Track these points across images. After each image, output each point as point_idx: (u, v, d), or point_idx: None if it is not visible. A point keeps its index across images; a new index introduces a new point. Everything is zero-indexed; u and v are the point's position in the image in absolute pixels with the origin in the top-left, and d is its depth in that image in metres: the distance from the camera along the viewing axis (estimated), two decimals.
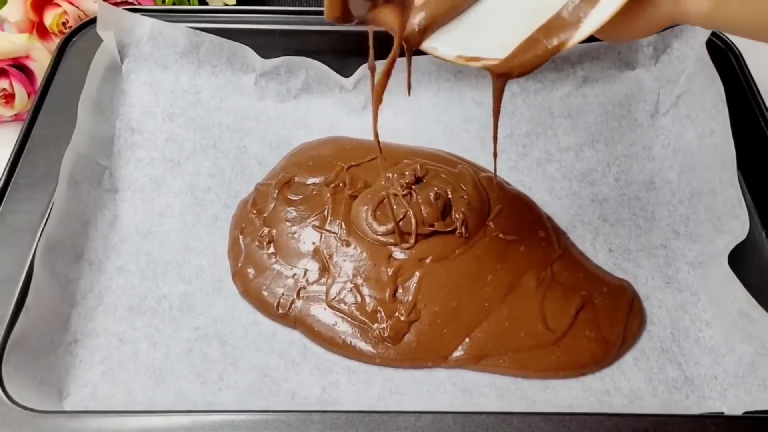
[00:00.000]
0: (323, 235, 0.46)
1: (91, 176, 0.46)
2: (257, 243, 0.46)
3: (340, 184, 0.48)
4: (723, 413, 0.39)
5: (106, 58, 0.50)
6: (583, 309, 0.43)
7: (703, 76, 0.48)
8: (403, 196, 0.46)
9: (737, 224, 0.42)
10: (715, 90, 0.46)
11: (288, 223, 0.47)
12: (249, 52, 0.52)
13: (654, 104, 0.52)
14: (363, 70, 0.52)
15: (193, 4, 0.61)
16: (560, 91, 0.53)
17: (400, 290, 0.44)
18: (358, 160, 0.50)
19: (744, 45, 0.51)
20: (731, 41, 0.51)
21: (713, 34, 0.52)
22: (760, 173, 0.45)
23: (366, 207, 0.46)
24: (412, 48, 0.35)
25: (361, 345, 0.42)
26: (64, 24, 0.55)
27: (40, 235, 0.41)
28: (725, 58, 0.51)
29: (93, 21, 0.51)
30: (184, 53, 0.52)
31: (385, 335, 0.42)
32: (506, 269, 0.44)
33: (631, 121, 0.52)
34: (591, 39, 0.49)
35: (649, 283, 0.45)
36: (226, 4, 0.61)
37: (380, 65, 0.51)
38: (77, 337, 0.41)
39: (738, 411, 0.38)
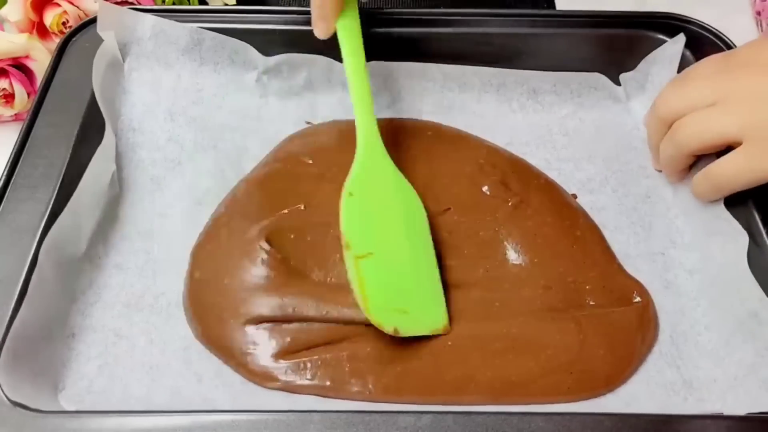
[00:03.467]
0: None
1: (106, 175, 0.46)
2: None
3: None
4: (722, 414, 0.39)
5: (107, 58, 0.50)
6: (596, 328, 0.42)
7: None
8: None
9: (733, 227, 0.42)
10: None
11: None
12: (251, 49, 0.52)
13: (646, 131, 0.52)
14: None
15: (193, 4, 0.61)
16: (558, 113, 0.53)
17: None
18: None
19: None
20: (731, 42, 0.51)
21: (714, 35, 0.52)
22: None
23: None
24: None
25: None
26: (64, 24, 0.55)
27: (41, 233, 0.41)
28: None
29: (93, 21, 0.51)
30: (186, 51, 0.52)
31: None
32: (519, 289, 0.44)
33: (626, 144, 0.52)
34: (589, 69, 0.53)
35: (648, 287, 0.44)
36: (226, 4, 0.61)
37: (383, 66, 0.52)
38: (74, 331, 0.41)
39: (738, 412, 0.38)
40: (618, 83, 0.54)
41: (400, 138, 0.51)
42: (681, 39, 0.51)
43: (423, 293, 0.43)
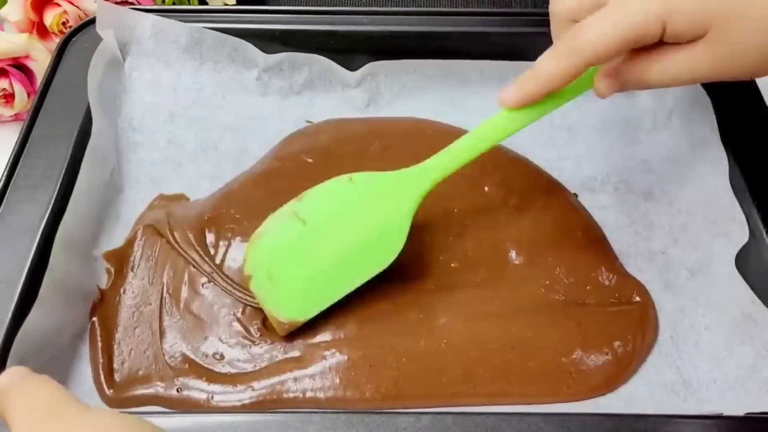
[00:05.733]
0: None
1: (102, 173, 0.46)
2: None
3: None
4: (722, 414, 0.39)
5: (106, 57, 0.50)
6: (596, 328, 0.42)
7: (688, 89, 0.49)
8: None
9: (734, 226, 0.42)
10: (702, 101, 0.47)
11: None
12: (251, 48, 0.52)
13: (652, 121, 0.52)
14: (367, 68, 0.52)
15: (193, 4, 0.61)
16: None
17: None
18: (360, 143, 0.49)
19: None
20: None
21: None
22: (762, 174, 0.45)
23: None
24: None
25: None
26: (64, 24, 0.55)
27: (41, 233, 0.41)
28: None
29: (93, 21, 0.51)
30: (186, 50, 0.52)
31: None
32: (513, 287, 0.44)
33: (629, 137, 0.52)
34: None
35: (648, 287, 0.44)
36: (226, 4, 0.61)
37: (384, 65, 0.52)
38: (80, 331, 0.41)
39: (737, 413, 0.38)
40: None
41: (400, 137, 0.51)
42: None
43: (302, 286, 0.41)
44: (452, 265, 0.44)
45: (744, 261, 0.41)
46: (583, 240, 0.46)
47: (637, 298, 0.43)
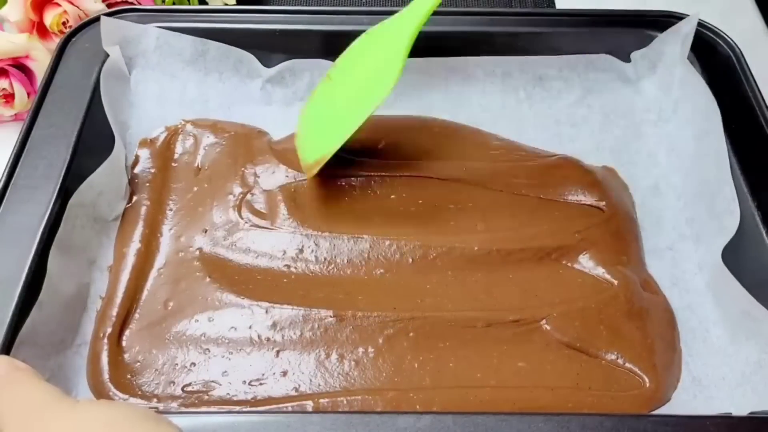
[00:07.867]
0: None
1: (112, 186, 0.46)
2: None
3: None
4: (730, 413, 0.38)
5: (113, 72, 0.49)
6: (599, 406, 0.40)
7: (691, 80, 0.49)
8: None
9: (733, 221, 0.42)
10: (704, 92, 0.47)
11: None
12: (254, 59, 0.52)
13: (657, 113, 0.52)
14: None
15: (193, 4, 0.61)
16: (565, 100, 0.53)
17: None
18: (366, 141, 0.49)
19: (744, 45, 0.51)
20: (732, 40, 0.51)
21: (714, 33, 0.52)
22: (761, 172, 0.45)
23: None
24: None
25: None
26: (64, 24, 0.55)
27: (41, 234, 0.41)
28: (725, 57, 0.51)
29: (93, 21, 0.51)
30: (190, 62, 0.52)
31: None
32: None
33: (635, 130, 0.52)
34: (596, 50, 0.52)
35: (657, 284, 0.44)
36: (226, 4, 0.61)
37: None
38: (86, 339, 0.41)
39: (745, 411, 0.38)
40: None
41: (407, 136, 0.51)
42: (694, 19, 0.51)
43: (320, 128, 0.47)
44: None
45: (741, 258, 0.41)
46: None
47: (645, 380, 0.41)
